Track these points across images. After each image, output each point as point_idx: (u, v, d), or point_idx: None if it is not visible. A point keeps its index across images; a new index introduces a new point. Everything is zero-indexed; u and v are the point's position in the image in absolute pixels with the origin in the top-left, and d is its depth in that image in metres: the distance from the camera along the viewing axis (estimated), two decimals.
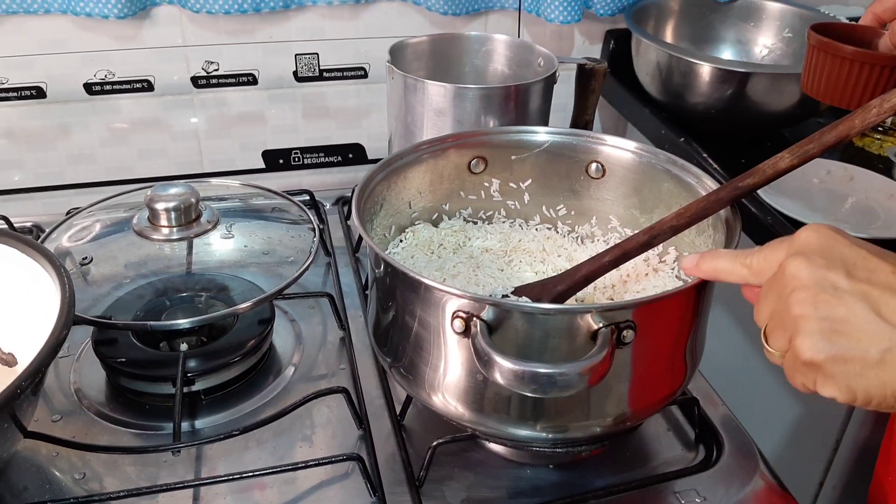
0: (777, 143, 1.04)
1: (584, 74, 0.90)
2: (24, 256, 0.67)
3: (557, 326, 0.54)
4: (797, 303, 0.44)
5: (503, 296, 0.66)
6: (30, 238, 0.68)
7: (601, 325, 0.53)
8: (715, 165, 0.97)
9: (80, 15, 0.95)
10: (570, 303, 0.68)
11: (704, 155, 0.98)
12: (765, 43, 1.17)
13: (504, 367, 0.50)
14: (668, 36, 1.18)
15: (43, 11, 0.96)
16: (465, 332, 0.55)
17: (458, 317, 0.55)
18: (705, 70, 0.98)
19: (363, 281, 0.89)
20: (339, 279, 0.89)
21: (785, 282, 0.45)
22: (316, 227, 0.85)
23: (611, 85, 1.16)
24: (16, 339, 0.67)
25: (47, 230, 0.84)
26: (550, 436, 0.59)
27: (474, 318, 0.54)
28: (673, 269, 0.72)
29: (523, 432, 0.59)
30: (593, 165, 0.76)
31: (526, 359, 0.54)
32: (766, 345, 0.47)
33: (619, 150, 0.74)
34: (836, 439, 0.87)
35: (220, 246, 0.83)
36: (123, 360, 0.72)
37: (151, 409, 0.72)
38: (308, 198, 1.00)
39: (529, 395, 0.51)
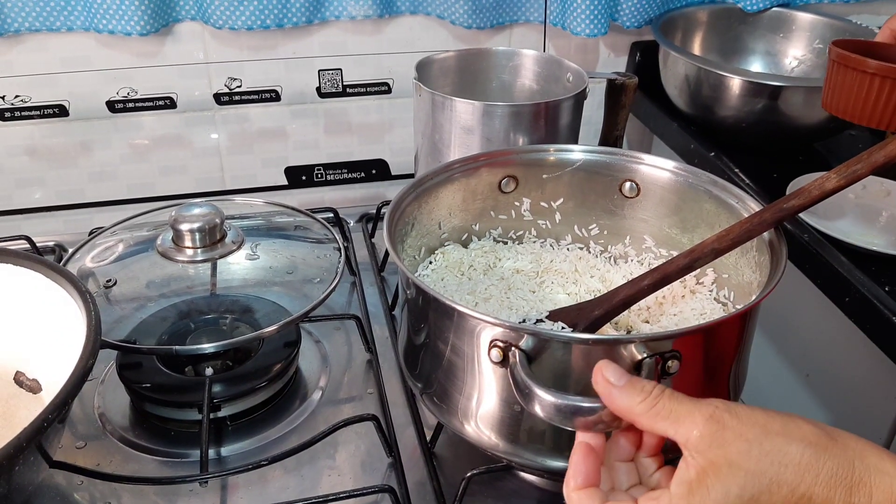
0: (809, 156, 1.02)
1: (615, 89, 0.88)
2: (49, 280, 0.65)
3: (599, 357, 0.52)
4: None
5: (537, 320, 0.64)
6: (54, 262, 0.66)
7: (645, 355, 0.51)
8: (747, 181, 0.94)
9: (103, 32, 0.95)
10: (608, 327, 0.66)
11: (736, 170, 0.96)
12: (795, 54, 1.15)
13: (545, 401, 0.48)
14: (696, 48, 1.16)
15: (65, 29, 0.95)
16: (503, 362, 0.53)
17: (495, 346, 0.53)
18: (735, 83, 0.96)
19: (389, 301, 0.87)
20: (364, 299, 0.88)
21: None
22: (341, 246, 0.84)
23: (637, 98, 1.14)
24: (40, 364, 0.66)
25: (70, 250, 0.83)
26: None
27: (512, 348, 0.52)
28: (711, 290, 0.70)
29: (560, 464, 0.57)
30: (627, 184, 0.74)
31: (564, 389, 0.52)
32: None
33: (656, 169, 0.72)
34: None
35: (245, 266, 0.82)
36: (148, 385, 0.71)
37: (176, 434, 0.71)
38: (332, 215, 0.99)
39: (571, 429, 0.49)
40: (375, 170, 1.14)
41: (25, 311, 0.66)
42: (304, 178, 1.13)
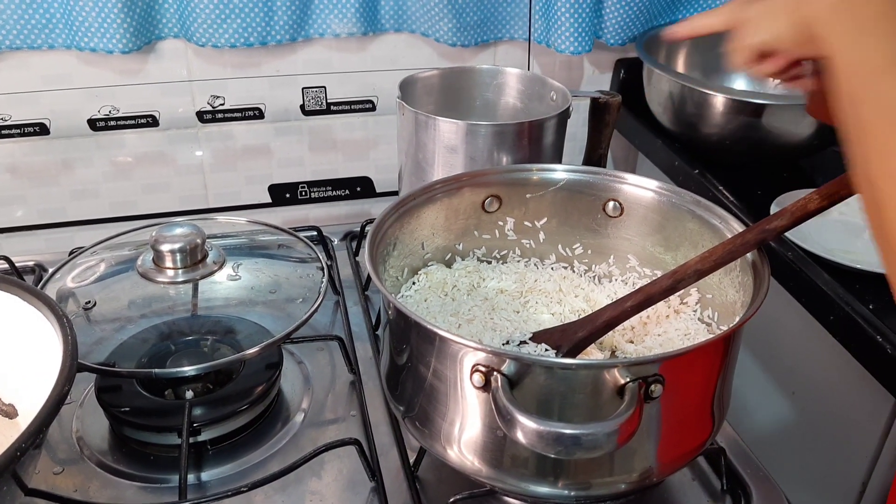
0: (794, 173, 1.02)
1: (598, 108, 0.88)
2: (25, 304, 0.64)
3: (582, 381, 0.52)
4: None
5: (521, 342, 0.64)
6: (31, 285, 0.65)
7: (628, 379, 0.50)
8: (731, 198, 0.94)
9: (85, 50, 0.94)
10: (592, 347, 0.66)
11: (720, 187, 0.96)
12: None
13: (527, 427, 0.48)
14: (680, 65, 1.16)
15: (47, 47, 0.95)
16: (485, 387, 0.52)
17: (477, 370, 0.52)
18: (719, 101, 0.97)
19: (373, 320, 0.87)
20: (348, 318, 0.87)
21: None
22: (324, 265, 0.83)
23: (622, 114, 1.14)
24: (16, 388, 0.65)
25: (50, 270, 0.82)
26: (572, 493, 0.56)
27: (495, 373, 0.51)
28: (695, 311, 0.70)
29: (544, 489, 0.56)
30: (611, 204, 0.74)
31: (548, 414, 0.52)
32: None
33: (639, 188, 0.72)
34: (863, 482, 0.84)
35: (227, 287, 0.81)
36: (127, 408, 0.70)
37: (156, 459, 0.69)
38: (315, 233, 0.98)
39: (553, 456, 0.49)
40: (360, 187, 1.14)
41: (1, 334, 0.65)
42: (288, 195, 1.12)
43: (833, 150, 1.06)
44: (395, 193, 1.02)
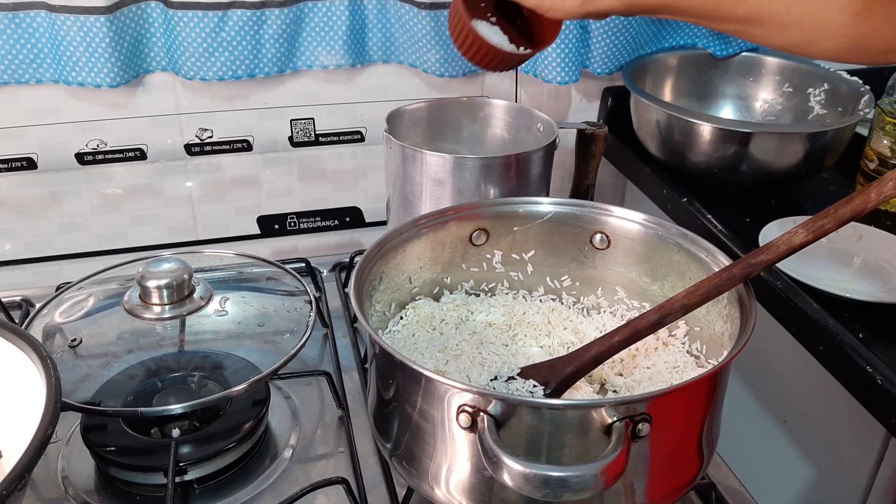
0: (782, 200, 1.02)
1: (585, 139, 0.88)
2: (9, 344, 0.64)
3: (570, 421, 0.51)
4: None
5: (509, 377, 0.64)
6: (15, 326, 0.65)
7: (615, 418, 0.50)
8: (719, 226, 0.95)
9: (73, 84, 0.94)
10: (581, 380, 0.66)
11: (708, 215, 0.97)
12: (765, 98, 1.16)
13: (514, 470, 0.47)
14: (667, 93, 1.17)
15: (35, 81, 0.95)
16: (472, 427, 0.52)
17: (463, 411, 0.52)
18: (706, 129, 0.97)
19: (362, 353, 0.86)
20: (336, 352, 0.87)
21: None
22: (312, 298, 0.82)
23: (610, 143, 1.15)
24: (0, 429, 0.64)
25: (37, 305, 0.82)
26: None
27: (481, 413, 0.51)
28: (683, 343, 0.70)
29: None
30: (598, 236, 0.74)
31: (536, 453, 0.52)
32: None
33: (626, 221, 0.72)
34: None
35: (214, 321, 0.80)
36: (113, 448, 0.69)
37: (142, 499, 0.69)
38: (304, 265, 0.98)
39: (540, 499, 0.48)
40: (349, 217, 1.14)
41: None
42: (277, 226, 1.12)
43: (820, 177, 1.07)
44: (384, 223, 1.02)
